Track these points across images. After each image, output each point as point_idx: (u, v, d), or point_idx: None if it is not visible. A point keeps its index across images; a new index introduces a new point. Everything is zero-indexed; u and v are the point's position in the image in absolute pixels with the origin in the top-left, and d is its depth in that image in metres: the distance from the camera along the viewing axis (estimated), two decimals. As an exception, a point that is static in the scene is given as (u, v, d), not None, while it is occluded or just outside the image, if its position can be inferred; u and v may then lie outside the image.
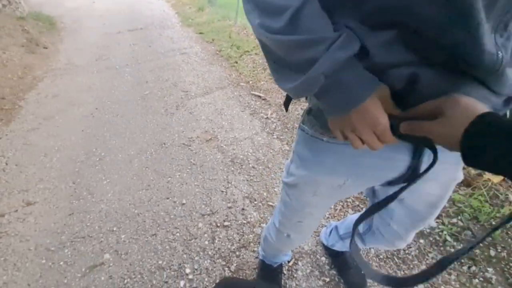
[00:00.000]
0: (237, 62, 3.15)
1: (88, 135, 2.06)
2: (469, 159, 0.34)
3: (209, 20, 4.81)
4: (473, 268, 1.20)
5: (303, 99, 0.67)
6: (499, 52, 0.35)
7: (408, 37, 0.37)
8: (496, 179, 1.46)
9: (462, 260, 1.23)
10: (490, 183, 1.45)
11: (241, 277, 1.18)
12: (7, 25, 3.74)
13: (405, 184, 0.47)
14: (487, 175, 1.48)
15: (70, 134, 2.06)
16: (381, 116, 0.40)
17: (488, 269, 1.19)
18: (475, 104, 0.35)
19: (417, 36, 0.36)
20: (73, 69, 3.14)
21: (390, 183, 0.56)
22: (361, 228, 0.88)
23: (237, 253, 1.30)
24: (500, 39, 0.36)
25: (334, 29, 0.39)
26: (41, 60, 3.33)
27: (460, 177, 0.58)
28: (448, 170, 0.54)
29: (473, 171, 1.50)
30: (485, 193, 1.41)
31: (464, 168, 1.63)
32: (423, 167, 0.50)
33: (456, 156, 0.53)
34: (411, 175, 0.52)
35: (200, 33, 4.25)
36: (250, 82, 2.77)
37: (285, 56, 0.41)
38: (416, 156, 0.49)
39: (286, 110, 0.61)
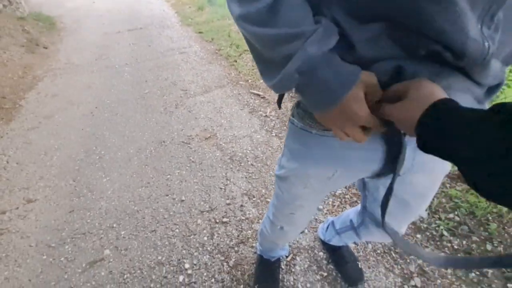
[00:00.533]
0: (236, 61, 3.16)
1: (87, 133, 2.08)
2: (423, 145, 0.34)
3: (209, 20, 4.81)
4: (470, 262, 1.20)
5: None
6: (486, 42, 0.36)
7: (394, 30, 0.37)
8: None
9: (459, 254, 1.24)
10: (487, 179, 1.46)
11: None
12: (8, 25, 3.76)
13: (392, 175, 0.48)
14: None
15: (70, 133, 2.08)
16: (361, 110, 0.39)
17: (484, 263, 1.20)
18: (435, 89, 0.35)
19: (402, 29, 0.37)
20: (72, 68, 3.15)
21: (378, 175, 0.57)
22: (355, 221, 0.89)
23: (236, 248, 1.31)
24: (488, 31, 0.37)
25: (316, 21, 0.38)
26: (41, 60, 3.35)
27: (447, 168, 0.59)
28: (434, 162, 0.55)
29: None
30: (482, 188, 1.42)
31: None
32: (406, 158, 0.51)
33: None
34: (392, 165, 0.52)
35: (200, 32, 4.25)
36: (249, 80, 2.78)
37: (265, 52, 0.41)
38: (392, 144, 0.50)
39: (279, 107, 0.62)
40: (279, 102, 0.61)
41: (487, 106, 0.49)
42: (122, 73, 3.03)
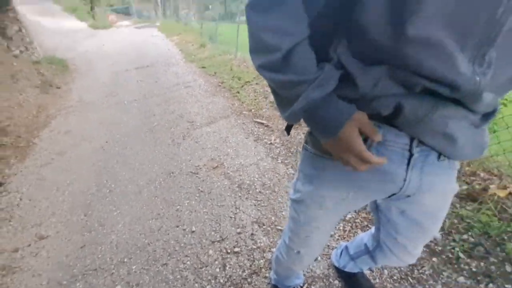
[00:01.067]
0: (239, 92, 3.31)
1: (98, 168, 2.13)
2: None
3: (211, 55, 5.12)
4: (491, 285, 1.17)
5: (304, 124, 0.74)
6: (477, 77, 0.41)
7: (394, 72, 0.44)
8: (503, 193, 1.47)
9: (479, 278, 1.21)
10: (496, 197, 1.45)
11: None
12: (24, 69, 4.02)
13: None
14: (493, 189, 1.49)
15: (82, 168, 2.13)
16: (355, 143, 0.47)
17: (506, 286, 1.16)
18: None
19: (401, 70, 0.43)
20: (84, 106, 3.31)
21: (391, 196, 0.60)
22: (370, 245, 0.90)
23: (249, 280, 1.29)
24: (480, 68, 0.41)
25: (320, 67, 0.47)
26: (55, 99, 3.53)
27: (456, 188, 0.62)
28: (440, 181, 0.58)
29: (477, 186, 1.52)
30: (492, 207, 1.41)
31: (466, 183, 1.63)
32: (413, 178, 0.55)
33: (445, 167, 0.58)
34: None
35: (203, 67, 4.51)
36: (253, 110, 2.89)
37: (278, 92, 0.51)
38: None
39: (288, 134, 0.68)
40: (288, 129, 0.67)
41: (485, 129, 0.53)
42: (131, 108, 3.17)
